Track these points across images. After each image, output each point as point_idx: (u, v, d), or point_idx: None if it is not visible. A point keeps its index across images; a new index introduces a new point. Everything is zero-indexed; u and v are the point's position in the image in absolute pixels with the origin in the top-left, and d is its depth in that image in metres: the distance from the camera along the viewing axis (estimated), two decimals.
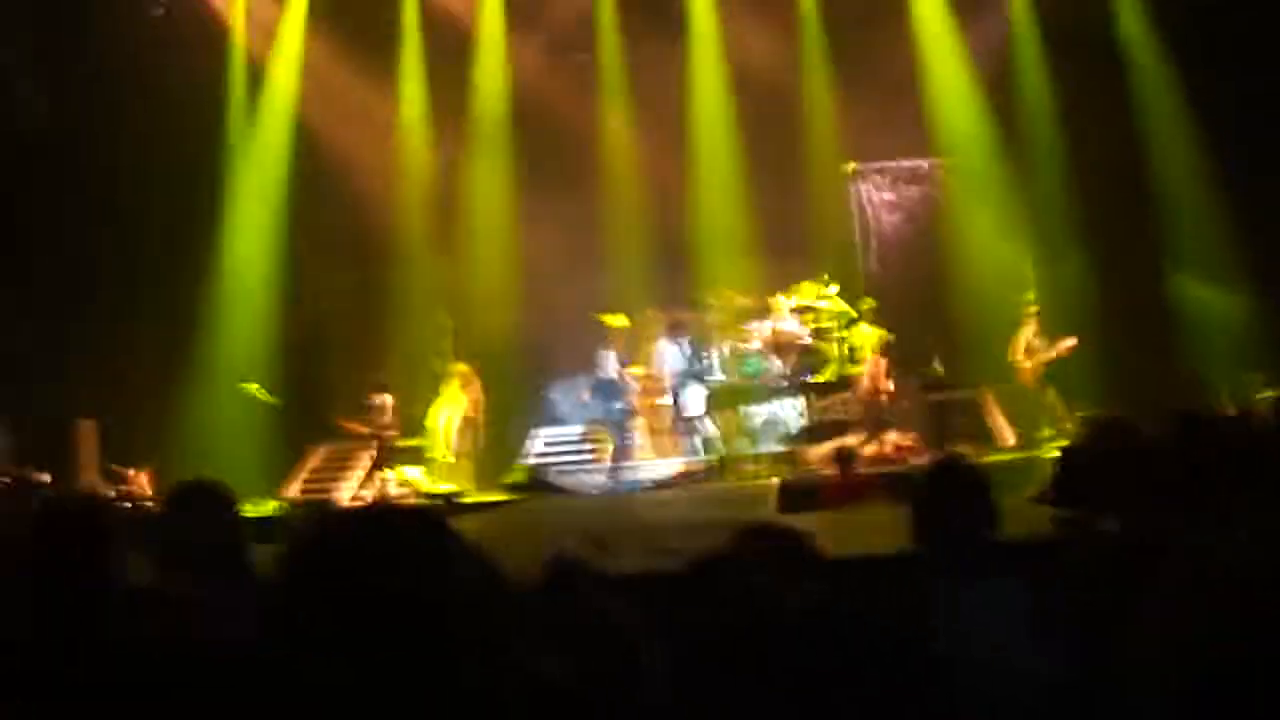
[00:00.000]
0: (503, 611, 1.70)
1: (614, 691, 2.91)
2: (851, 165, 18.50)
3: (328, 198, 18.31)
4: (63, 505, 3.44)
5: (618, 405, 15.97)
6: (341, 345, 18.47)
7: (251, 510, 12.62)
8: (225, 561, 3.19)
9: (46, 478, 14.68)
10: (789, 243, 17.76)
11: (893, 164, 18.60)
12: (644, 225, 17.84)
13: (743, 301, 17.63)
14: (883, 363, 16.18)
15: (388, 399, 16.71)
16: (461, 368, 17.15)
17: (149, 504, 13.80)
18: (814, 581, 2.69)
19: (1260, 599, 1.59)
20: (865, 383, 16.19)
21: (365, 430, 16.56)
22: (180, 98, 17.50)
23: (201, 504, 3.28)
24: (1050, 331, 15.86)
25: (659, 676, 2.62)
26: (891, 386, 16.13)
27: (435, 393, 17.21)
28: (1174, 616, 1.66)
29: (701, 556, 2.65)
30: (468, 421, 17.00)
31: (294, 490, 16.67)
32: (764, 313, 17.59)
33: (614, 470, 15.76)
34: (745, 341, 17.48)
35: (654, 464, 16.09)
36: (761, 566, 2.64)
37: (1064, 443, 12.83)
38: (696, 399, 16.96)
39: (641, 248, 17.73)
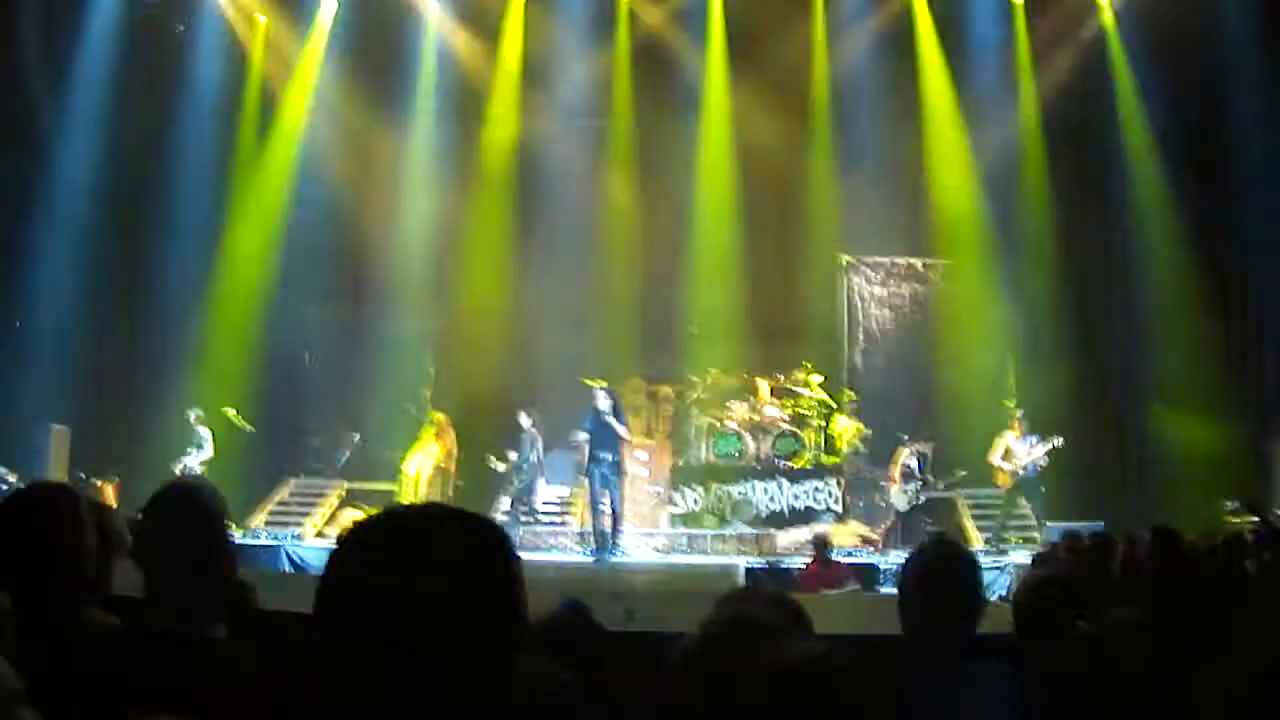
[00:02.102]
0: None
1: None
2: (845, 258, 18.59)
3: (326, 233, 18.34)
4: (35, 491, 3.43)
5: (609, 456, 14.84)
6: (322, 380, 18.43)
7: None
8: (205, 566, 3.20)
9: (13, 477, 14.63)
10: (778, 327, 17.89)
11: (887, 260, 18.66)
12: (637, 294, 17.88)
13: (726, 381, 17.74)
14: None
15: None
16: (438, 416, 17.10)
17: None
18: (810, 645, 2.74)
19: None
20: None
21: None
22: (193, 114, 17.67)
23: (189, 505, 3.27)
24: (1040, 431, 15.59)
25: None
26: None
27: (413, 438, 17.13)
28: None
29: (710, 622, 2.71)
30: (439, 471, 16.84)
31: (259, 519, 16.61)
32: (745, 394, 17.68)
33: (589, 535, 15.22)
34: (724, 421, 17.57)
35: (624, 533, 15.82)
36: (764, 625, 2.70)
37: (1030, 549, 12.97)
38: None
39: (632, 316, 17.77)
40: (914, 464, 16.02)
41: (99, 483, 15.77)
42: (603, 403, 14.98)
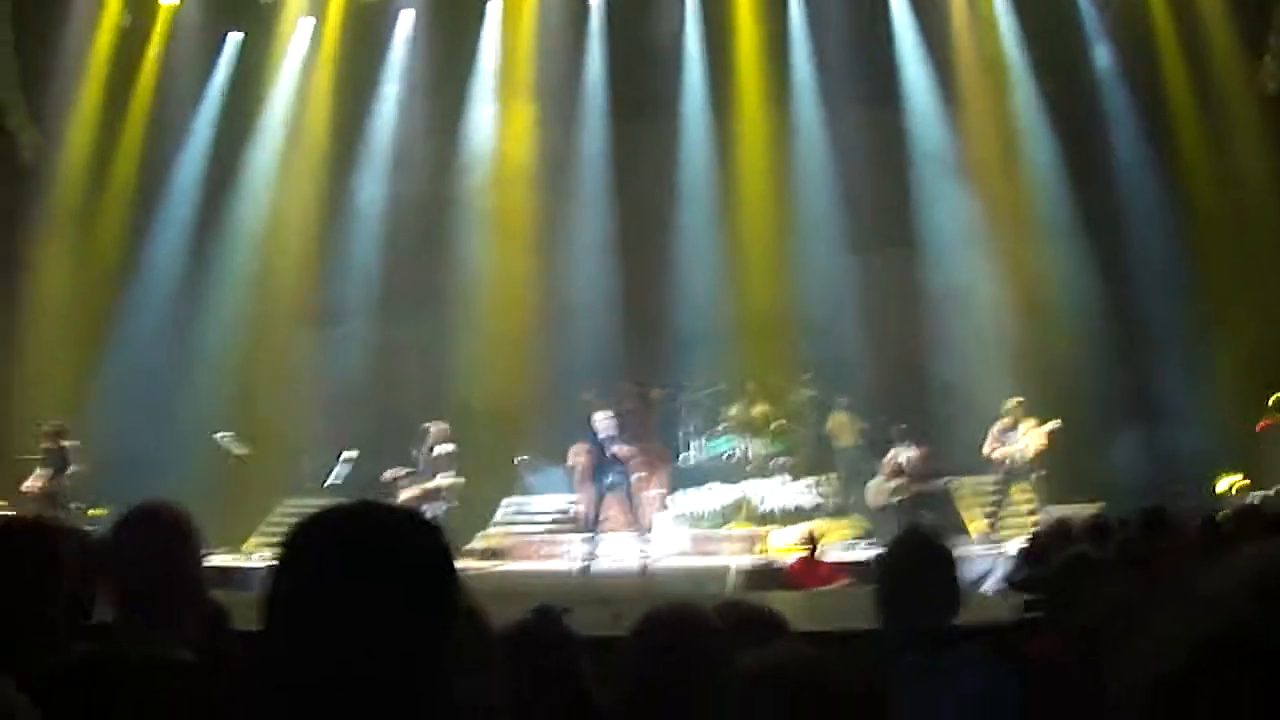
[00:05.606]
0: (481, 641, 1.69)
1: None
2: None
3: (308, 250, 18.31)
4: (11, 526, 3.34)
5: (610, 478, 14.24)
6: (312, 398, 18.24)
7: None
8: (171, 588, 3.10)
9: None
10: (772, 324, 17.73)
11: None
12: (624, 295, 17.78)
13: (721, 384, 17.67)
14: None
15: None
16: (436, 427, 16.73)
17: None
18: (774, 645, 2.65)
19: None
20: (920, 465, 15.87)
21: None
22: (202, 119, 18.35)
23: (151, 527, 3.17)
24: (1037, 416, 15.20)
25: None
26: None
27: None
28: None
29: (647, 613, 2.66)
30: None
31: (253, 542, 16.44)
32: (740, 394, 17.56)
33: (583, 544, 14.81)
34: (718, 421, 17.46)
35: (620, 540, 15.44)
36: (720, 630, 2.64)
37: (1028, 535, 12.81)
38: None
39: (620, 318, 17.64)
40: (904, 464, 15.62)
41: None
42: (602, 428, 14.33)
